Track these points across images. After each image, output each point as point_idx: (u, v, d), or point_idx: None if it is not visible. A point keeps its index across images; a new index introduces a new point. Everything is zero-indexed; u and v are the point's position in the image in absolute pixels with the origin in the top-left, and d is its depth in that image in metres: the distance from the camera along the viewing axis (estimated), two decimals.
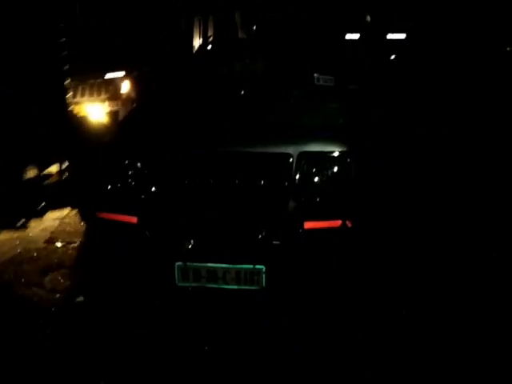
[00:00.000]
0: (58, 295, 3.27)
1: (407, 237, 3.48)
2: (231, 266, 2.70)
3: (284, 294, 2.81)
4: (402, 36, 10.21)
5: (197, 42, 5.93)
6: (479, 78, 7.65)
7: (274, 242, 2.68)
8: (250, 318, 2.92)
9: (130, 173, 2.90)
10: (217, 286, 2.74)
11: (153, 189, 2.84)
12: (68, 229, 4.23)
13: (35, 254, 3.80)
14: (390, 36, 10.22)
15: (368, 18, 9.71)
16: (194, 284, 2.77)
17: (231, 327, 2.90)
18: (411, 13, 10.41)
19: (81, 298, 3.22)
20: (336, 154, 2.77)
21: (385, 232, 3.03)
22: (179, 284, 2.78)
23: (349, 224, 2.67)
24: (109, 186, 2.91)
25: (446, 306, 3.01)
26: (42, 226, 4.27)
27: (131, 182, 2.90)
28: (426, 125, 5.59)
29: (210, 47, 4.64)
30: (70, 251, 3.84)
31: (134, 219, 2.81)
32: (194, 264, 2.73)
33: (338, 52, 4.43)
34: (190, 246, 2.71)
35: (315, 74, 3.75)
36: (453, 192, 4.26)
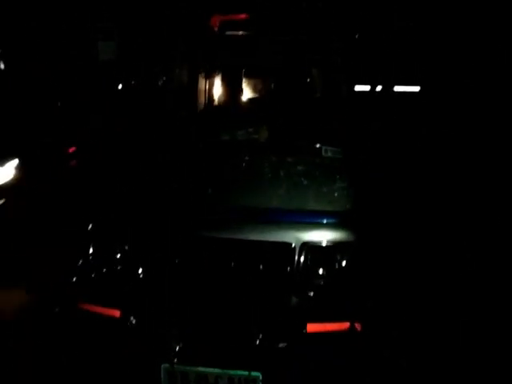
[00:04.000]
0: None
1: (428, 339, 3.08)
2: (224, 371, 2.38)
3: None
4: (416, 89, 9.88)
5: (202, 99, 5.75)
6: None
7: (273, 347, 2.36)
8: None
9: (114, 258, 2.63)
10: None
11: (139, 278, 2.56)
12: None
13: None
14: (401, 89, 9.96)
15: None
16: None
17: None
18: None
19: None
20: (344, 245, 2.48)
21: (400, 336, 2.69)
22: None
23: (358, 327, 2.35)
24: (92, 274, 2.64)
25: None
26: None
27: (115, 269, 2.62)
28: (445, 201, 5.15)
29: (211, 110, 4.41)
30: None
31: (116, 312, 2.52)
32: (182, 367, 2.42)
33: (347, 118, 4.09)
34: (178, 347, 2.41)
35: (323, 146, 3.46)
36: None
